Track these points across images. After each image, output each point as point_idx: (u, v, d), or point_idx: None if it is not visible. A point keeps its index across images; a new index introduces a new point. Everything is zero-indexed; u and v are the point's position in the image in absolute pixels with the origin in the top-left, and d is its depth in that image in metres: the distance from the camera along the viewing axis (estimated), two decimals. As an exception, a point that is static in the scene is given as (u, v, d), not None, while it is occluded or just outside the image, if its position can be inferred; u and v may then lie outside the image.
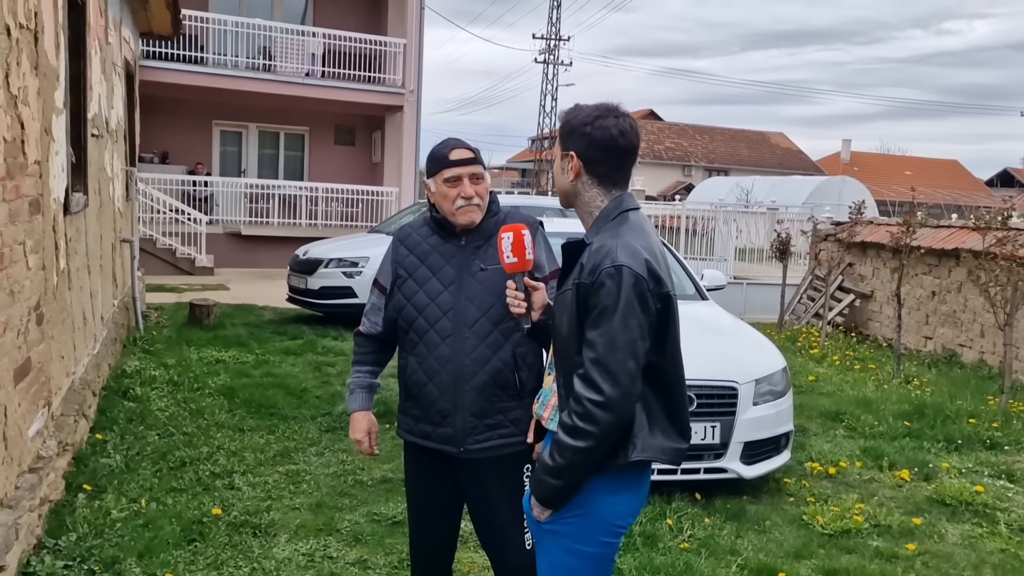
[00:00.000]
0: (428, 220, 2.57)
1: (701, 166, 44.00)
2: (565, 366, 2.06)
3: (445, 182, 2.44)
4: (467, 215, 2.44)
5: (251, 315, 10.24)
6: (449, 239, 2.51)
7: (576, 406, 1.94)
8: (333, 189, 17.07)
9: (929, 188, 44.09)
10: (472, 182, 2.44)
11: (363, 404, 2.64)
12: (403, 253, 2.56)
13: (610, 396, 1.91)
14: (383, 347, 2.67)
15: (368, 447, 2.65)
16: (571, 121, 2.09)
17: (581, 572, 2.07)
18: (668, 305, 2.00)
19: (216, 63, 15.78)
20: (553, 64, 41.26)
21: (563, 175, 2.13)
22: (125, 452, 4.77)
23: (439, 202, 2.48)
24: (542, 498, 2.04)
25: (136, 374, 6.54)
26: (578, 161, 2.08)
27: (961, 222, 9.71)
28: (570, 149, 2.09)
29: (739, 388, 4.57)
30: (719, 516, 4.32)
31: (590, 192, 2.11)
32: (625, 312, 1.92)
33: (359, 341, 2.69)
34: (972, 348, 8.90)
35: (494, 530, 2.54)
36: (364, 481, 4.63)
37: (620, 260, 1.94)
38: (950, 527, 4.42)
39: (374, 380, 2.68)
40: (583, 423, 1.93)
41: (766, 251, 14.34)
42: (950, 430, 6.07)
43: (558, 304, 2.11)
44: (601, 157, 2.06)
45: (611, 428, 1.94)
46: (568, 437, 1.95)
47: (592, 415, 1.91)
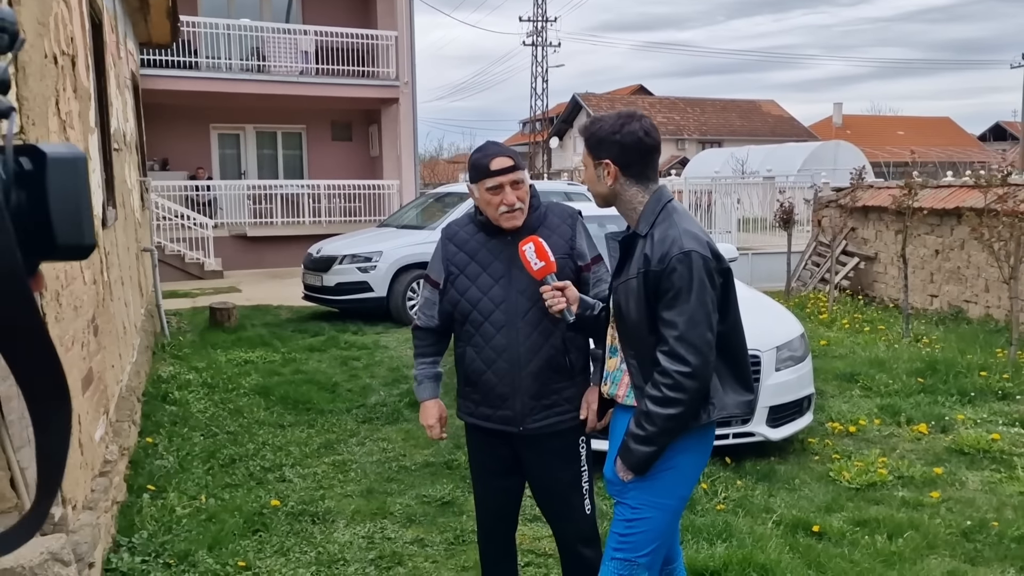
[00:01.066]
0: (474, 219, 2.73)
1: (694, 139, 44.07)
2: (638, 346, 2.31)
3: (488, 191, 2.58)
4: (511, 220, 2.60)
5: (268, 315, 10.43)
6: (496, 236, 2.66)
7: (665, 379, 2.19)
8: (334, 185, 17.20)
9: (923, 147, 44.17)
10: (513, 188, 2.58)
11: (432, 393, 2.82)
12: (452, 250, 2.71)
13: (696, 366, 2.17)
14: (440, 337, 2.85)
15: (438, 432, 2.83)
16: (597, 133, 2.32)
17: (660, 523, 2.32)
18: (728, 278, 2.28)
19: (209, 67, 15.86)
20: (541, 46, 41.22)
21: (599, 182, 2.35)
22: (176, 453, 4.97)
23: (484, 207, 2.63)
24: (633, 465, 2.27)
25: (171, 379, 6.73)
26: (615, 167, 2.30)
27: (960, 180, 9.88)
28: (603, 157, 2.31)
29: (762, 356, 4.77)
30: (750, 478, 4.53)
31: (630, 191, 2.34)
32: (699, 291, 2.18)
33: (418, 335, 2.85)
34: (978, 303, 9.10)
35: (556, 498, 2.73)
36: (408, 467, 4.83)
37: (687, 246, 2.19)
38: (970, 474, 4.63)
39: (438, 369, 2.86)
40: (674, 392, 2.18)
41: (768, 220, 14.51)
42: (963, 384, 6.28)
43: (623, 292, 2.32)
44: (634, 159, 2.30)
45: (697, 394, 2.20)
46: (659, 407, 2.19)
47: (682, 385, 2.17)
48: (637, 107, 46.99)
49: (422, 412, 2.84)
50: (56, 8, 3.53)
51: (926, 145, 45.84)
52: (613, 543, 2.34)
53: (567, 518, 2.72)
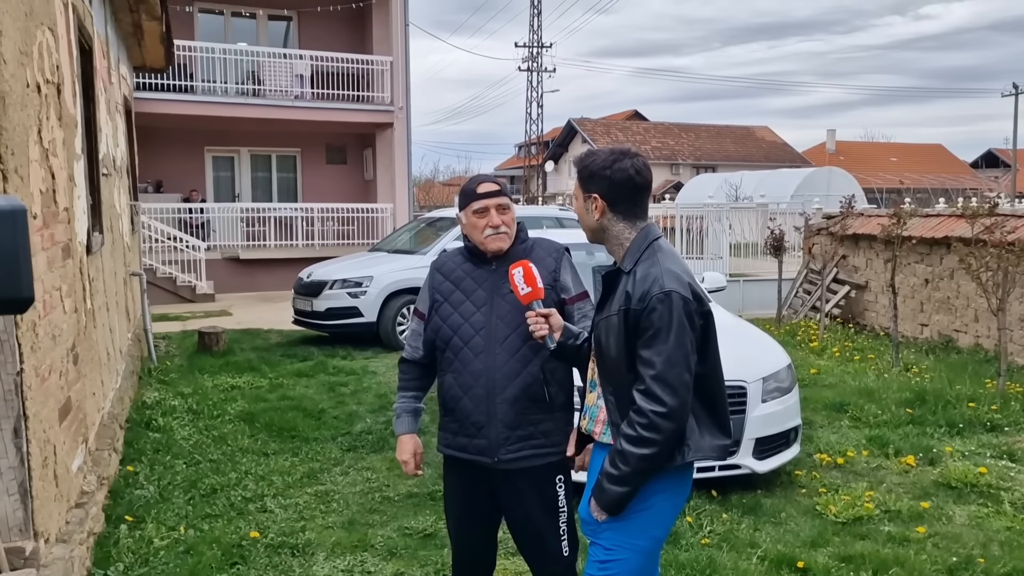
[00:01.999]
0: (462, 249, 2.77)
1: (688, 164, 44.30)
2: (617, 383, 2.30)
3: (474, 213, 2.63)
4: (496, 242, 2.63)
5: (258, 339, 10.39)
6: (481, 265, 2.69)
7: (640, 418, 2.17)
8: (327, 208, 17.22)
9: (915, 173, 44.51)
10: (499, 212, 2.62)
11: (409, 428, 2.82)
12: (439, 279, 2.75)
13: (672, 407, 2.16)
14: (425, 372, 2.84)
15: (413, 468, 2.81)
16: (590, 167, 2.33)
17: (634, 564, 2.29)
18: (708, 320, 2.28)
19: (205, 90, 15.94)
20: (537, 71, 41.53)
21: (588, 215, 2.36)
22: (157, 482, 4.91)
23: (470, 232, 2.67)
24: (607, 505, 2.25)
25: (156, 405, 6.68)
26: (602, 201, 2.32)
27: (949, 210, 9.92)
28: (593, 191, 2.33)
29: (748, 387, 4.75)
30: (736, 511, 4.49)
31: (617, 227, 2.35)
32: (678, 331, 2.18)
33: (403, 368, 2.86)
34: (967, 333, 9.10)
35: (531, 538, 2.70)
36: (391, 497, 4.78)
37: (668, 286, 2.20)
38: (957, 509, 4.59)
39: (418, 404, 2.85)
40: (648, 432, 2.16)
41: (759, 246, 14.55)
42: (951, 415, 6.26)
43: (603, 328, 2.32)
44: (622, 195, 2.31)
45: (672, 435, 2.19)
46: (633, 447, 2.18)
47: (657, 425, 2.16)
48: (632, 131, 47.13)
49: (398, 447, 2.83)
50: (41, 37, 3.53)
51: (919, 171, 46.18)
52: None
53: (542, 559, 2.69)
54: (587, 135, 44.40)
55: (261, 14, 17.72)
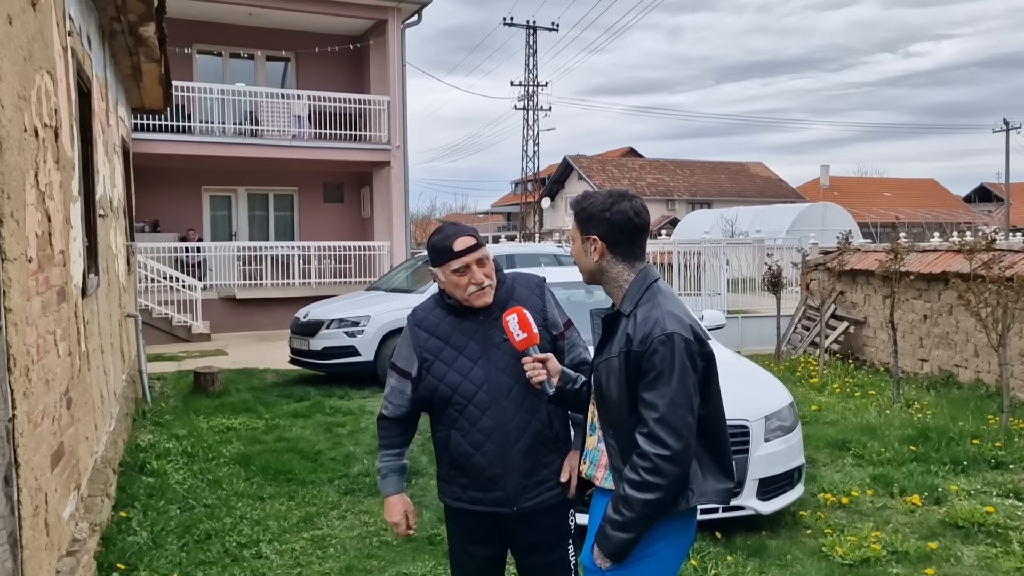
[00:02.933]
0: (440, 302, 2.65)
1: (684, 199, 44.53)
2: (618, 426, 2.27)
3: (454, 272, 2.53)
4: (482, 299, 2.55)
5: (254, 379, 10.31)
6: (467, 316, 2.60)
7: (644, 462, 2.13)
8: (325, 247, 17.23)
9: (909, 208, 44.77)
10: (479, 266, 2.53)
11: (396, 487, 2.72)
12: (423, 337, 2.62)
13: (676, 450, 2.12)
14: (407, 427, 2.75)
15: (404, 529, 2.72)
16: (588, 208, 2.32)
17: None
18: (710, 362, 2.25)
19: (203, 131, 16.03)
20: (532, 109, 41.93)
21: (586, 257, 2.34)
22: (150, 528, 4.82)
23: (451, 290, 2.57)
24: (610, 552, 2.20)
25: (150, 448, 6.59)
26: (601, 243, 2.30)
27: (946, 245, 9.93)
28: (591, 233, 2.31)
29: (750, 426, 4.69)
30: (741, 553, 4.41)
31: (616, 268, 2.33)
32: (681, 374, 2.15)
33: (383, 425, 2.73)
34: (968, 368, 9.06)
35: (546, 568, 2.65)
36: (389, 542, 4.69)
37: (669, 328, 2.17)
38: (965, 549, 4.52)
39: (404, 461, 2.76)
40: (653, 477, 2.12)
41: (757, 281, 14.54)
42: (955, 452, 6.19)
43: (604, 370, 2.29)
44: (621, 237, 2.30)
45: (676, 479, 2.15)
46: (637, 491, 2.14)
47: (661, 469, 2.12)
48: (627, 168, 47.46)
49: (387, 508, 2.74)
50: (39, 81, 3.54)
51: (913, 206, 46.46)
52: None
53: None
54: (583, 172, 44.68)
55: (259, 55, 17.90)
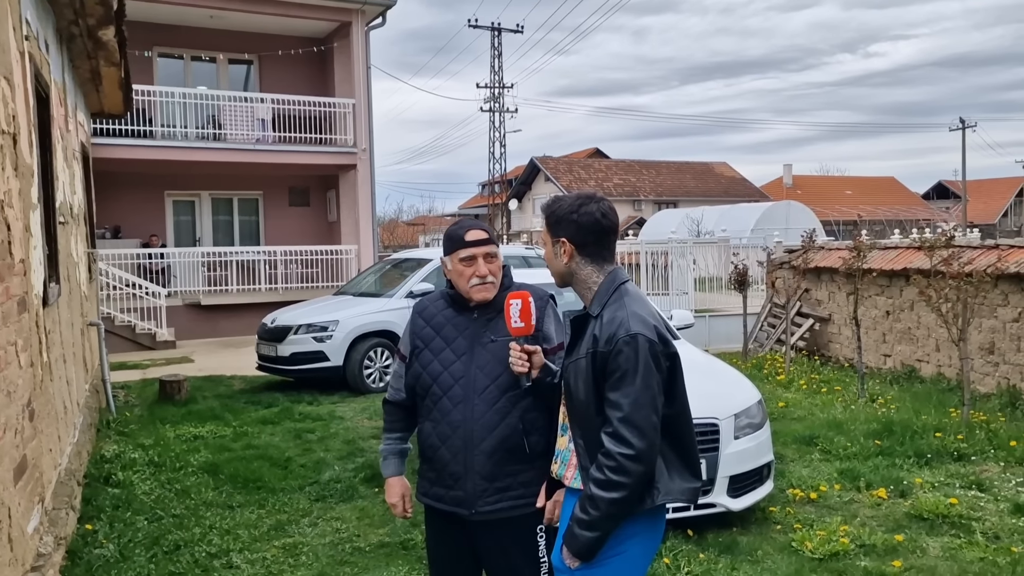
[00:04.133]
0: (444, 293, 2.73)
1: (650, 200, 44.85)
2: (585, 426, 2.28)
3: (461, 261, 2.60)
4: (482, 293, 2.60)
5: (221, 386, 10.17)
6: (463, 312, 2.66)
7: (608, 461, 2.15)
8: (291, 251, 17.05)
9: (870, 205, 45.57)
10: (486, 261, 2.59)
11: (396, 469, 2.79)
12: (420, 324, 2.72)
13: (640, 449, 2.14)
14: (409, 413, 2.79)
15: (402, 510, 2.78)
16: (556, 211, 2.35)
17: None
18: (675, 362, 2.27)
19: (165, 135, 15.78)
20: (499, 111, 41.94)
21: (556, 260, 2.37)
22: (117, 541, 4.73)
23: (455, 279, 2.64)
24: (578, 551, 2.21)
25: (115, 458, 6.47)
26: (570, 245, 2.33)
27: (907, 242, 10.13)
28: (560, 236, 2.34)
29: (720, 424, 4.74)
30: (713, 550, 4.45)
31: (585, 270, 2.36)
32: (645, 374, 2.17)
33: (387, 409, 2.82)
34: (929, 363, 9.25)
35: None
36: (362, 548, 4.66)
37: (633, 329, 2.20)
38: (930, 541, 4.61)
39: (404, 445, 2.82)
40: (617, 476, 2.14)
41: (723, 280, 14.69)
42: (919, 445, 6.31)
43: (572, 371, 2.31)
44: (590, 239, 2.33)
45: (641, 478, 2.16)
46: (602, 490, 2.15)
47: (625, 468, 2.13)
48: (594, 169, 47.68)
49: (387, 490, 2.81)
50: (-4, 87, 3.46)
51: (873, 204, 47.28)
52: None
53: (523, 610, 2.62)
54: (550, 173, 44.81)
55: (221, 58, 17.68)
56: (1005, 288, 7.99)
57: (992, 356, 8.23)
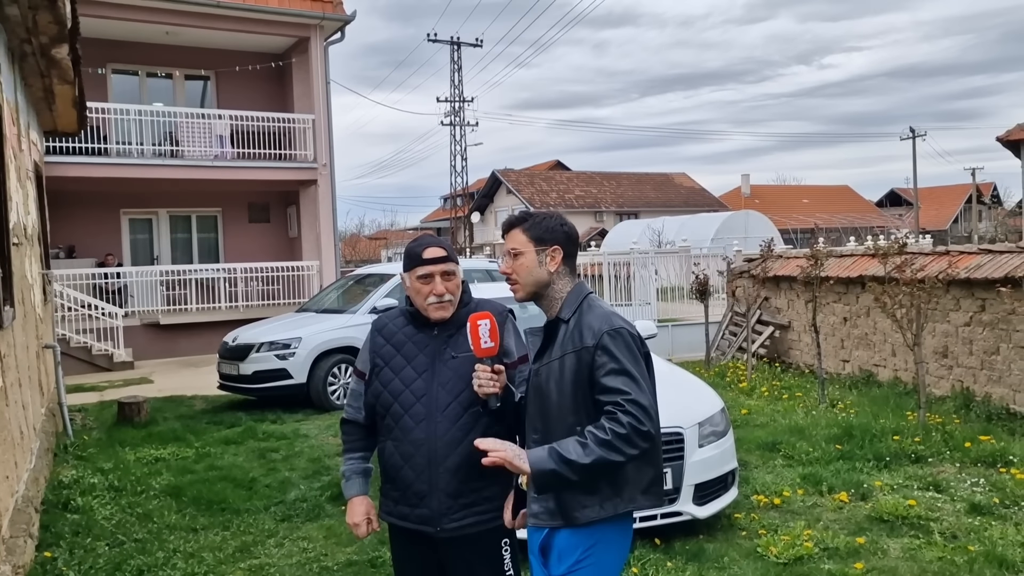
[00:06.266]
0: (404, 311, 2.72)
1: (612, 211, 45.20)
2: (550, 426, 2.32)
3: (418, 279, 2.59)
4: (439, 312, 2.59)
5: (182, 407, 10.01)
6: (423, 329, 2.65)
7: (618, 428, 2.14)
8: (251, 268, 16.88)
9: (826, 213, 46.48)
10: (444, 279, 2.58)
11: (359, 489, 2.73)
12: (380, 343, 2.69)
13: (650, 429, 2.17)
14: (369, 432, 2.75)
15: (365, 531, 2.71)
16: (543, 223, 2.44)
17: None
18: (649, 361, 2.35)
19: (120, 152, 15.56)
20: (459, 125, 42.01)
21: (540, 268, 2.41)
22: (77, 568, 4.63)
23: (413, 296, 2.63)
24: (538, 475, 2.17)
25: (74, 484, 6.33)
26: (562, 253, 2.42)
27: (862, 249, 10.36)
28: (552, 244, 2.41)
29: (684, 433, 4.79)
30: (680, 558, 4.50)
31: (563, 280, 2.44)
32: (636, 363, 2.25)
33: (346, 429, 2.78)
34: (886, 367, 9.45)
35: None
36: (330, 567, 4.62)
37: (616, 324, 2.30)
38: (891, 542, 4.70)
39: (367, 464, 2.77)
40: (620, 443, 2.13)
41: (685, 290, 14.86)
42: (878, 448, 6.45)
43: (544, 374, 2.35)
44: (571, 250, 2.45)
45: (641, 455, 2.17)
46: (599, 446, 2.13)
47: (633, 440, 2.14)
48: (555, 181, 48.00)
49: (348, 510, 2.73)
50: (-53, 108, 3.40)
51: (829, 212, 48.24)
52: None
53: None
54: (511, 186, 44.94)
55: (177, 74, 17.48)
56: (956, 293, 8.22)
57: (946, 360, 8.44)
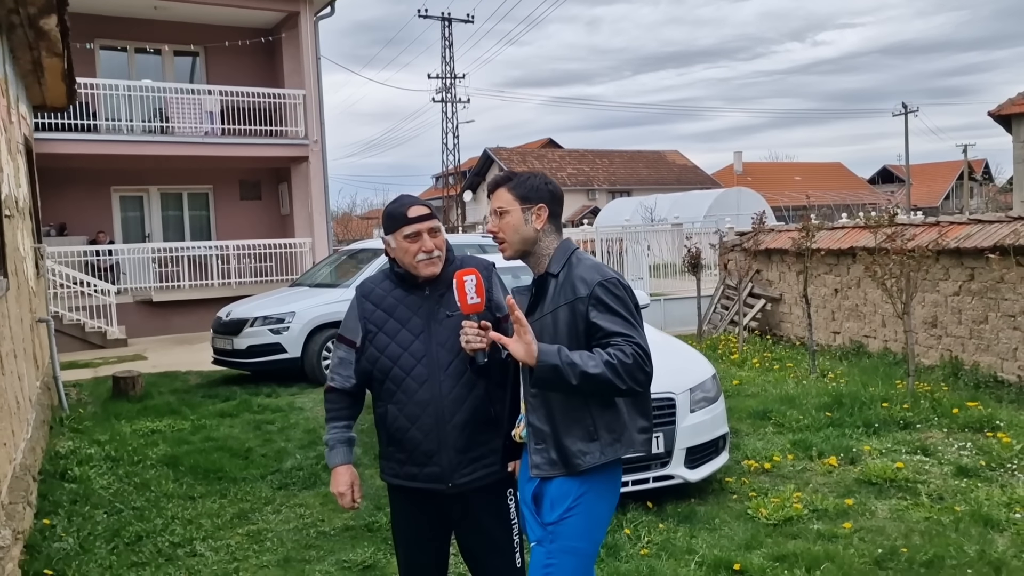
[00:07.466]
0: (389, 274, 2.70)
1: (604, 189, 45.20)
2: None
3: (405, 238, 2.58)
4: (429, 268, 2.59)
5: (177, 382, 10.04)
6: (413, 290, 2.64)
7: (626, 358, 2.19)
8: (243, 246, 16.84)
9: (818, 191, 46.53)
10: (431, 236, 2.59)
11: (345, 458, 2.70)
12: (369, 308, 2.67)
13: (650, 372, 2.24)
14: (355, 400, 2.76)
15: (350, 500, 2.70)
16: (528, 182, 2.48)
17: (577, 566, 2.34)
18: (639, 310, 2.40)
19: (110, 129, 15.45)
20: (451, 102, 41.80)
21: (526, 226, 2.46)
22: (76, 534, 4.68)
23: (400, 257, 2.62)
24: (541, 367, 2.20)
25: (71, 454, 6.37)
26: (547, 210, 2.47)
27: (852, 222, 10.41)
28: (537, 202, 2.46)
29: (676, 398, 4.85)
30: (672, 520, 4.57)
31: (549, 237, 2.49)
32: (630, 309, 2.31)
33: (331, 397, 2.75)
34: (876, 338, 9.54)
35: (487, 554, 2.68)
36: (327, 532, 4.68)
37: (608, 275, 2.36)
38: (879, 503, 4.79)
39: (351, 434, 2.75)
40: (624, 371, 2.19)
41: (677, 265, 14.93)
42: (867, 415, 6.53)
43: (537, 328, 2.37)
44: (556, 209, 2.50)
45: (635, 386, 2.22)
46: (601, 365, 2.18)
47: (635, 375, 2.20)
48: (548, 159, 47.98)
49: (333, 479, 2.71)
50: (-61, 72, 3.39)
51: (821, 189, 48.31)
52: None
53: (499, 573, 2.67)
54: (504, 164, 44.81)
55: (166, 50, 17.34)
56: (946, 263, 8.29)
57: (935, 329, 8.53)
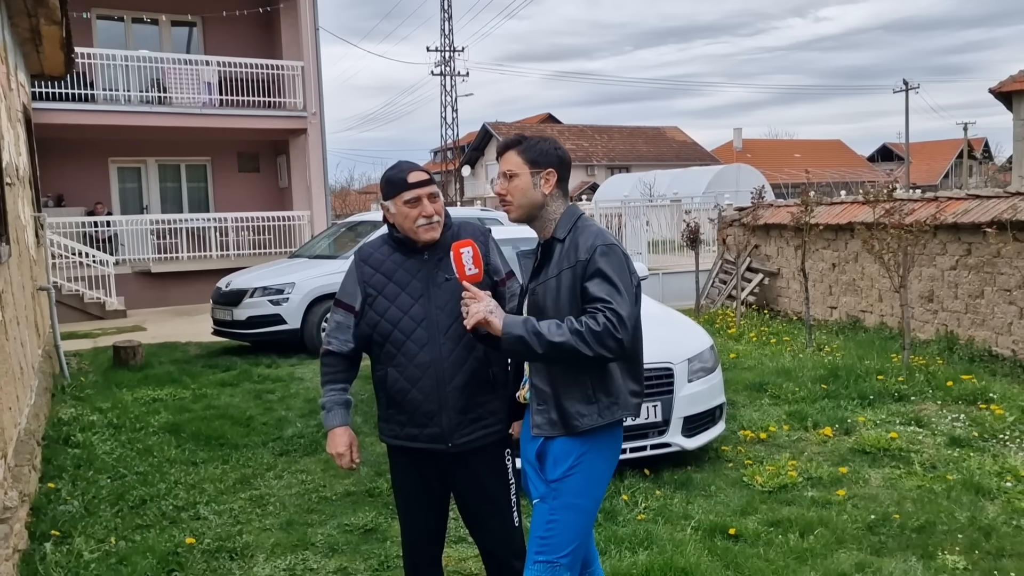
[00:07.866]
0: (388, 239, 2.73)
1: (603, 165, 45.07)
2: None
3: (406, 204, 2.60)
4: (429, 232, 2.63)
5: (177, 352, 10.09)
6: (412, 255, 2.68)
7: (595, 326, 2.22)
8: (241, 218, 16.82)
9: (817, 168, 46.43)
10: (430, 201, 2.62)
11: (342, 419, 2.73)
12: (368, 272, 2.70)
13: (624, 338, 2.24)
14: (351, 364, 2.79)
15: (348, 461, 2.72)
16: (538, 146, 2.50)
17: (578, 523, 2.39)
18: (639, 289, 2.43)
19: (107, 99, 15.37)
20: (450, 76, 41.55)
21: (535, 190, 2.48)
22: (81, 497, 4.74)
23: (400, 222, 2.64)
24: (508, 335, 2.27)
25: (73, 421, 6.43)
26: (556, 175, 2.49)
27: (851, 198, 10.43)
28: (547, 166, 2.48)
29: (674, 368, 4.91)
30: (669, 487, 4.64)
31: (557, 202, 2.51)
32: (623, 275, 2.33)
33: (328, 361, 2.77)
34: (873, 313, 9.59)
35: (486, 513, 2.74)
36: (328, 497, 4.75)
37: (609, 240, 2.40)
38: (872, 472, 4.86)
39: (348, 396, 2.78)
40: (592, 339, 2.22)
41: (676, 241, 14.96)
42: (862, 388, 6.60)
43: (540, 291, 2.43)
44: (564, 174, 2.52)
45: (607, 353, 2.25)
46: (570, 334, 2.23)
47: (604, 341, 2.22)
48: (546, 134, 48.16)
49: (330, 441, 2.72)
50: (-58, 35, 3.39)
51: (820, 166, 48.20)
52: (535, 547, 2.39)
53: (497, 532, 2.73)
54: (502, 139, 44.61)
55: (164, 20, 17.20)
56: (943, 238, 8.33)
57: (931, 304, 8.58)
